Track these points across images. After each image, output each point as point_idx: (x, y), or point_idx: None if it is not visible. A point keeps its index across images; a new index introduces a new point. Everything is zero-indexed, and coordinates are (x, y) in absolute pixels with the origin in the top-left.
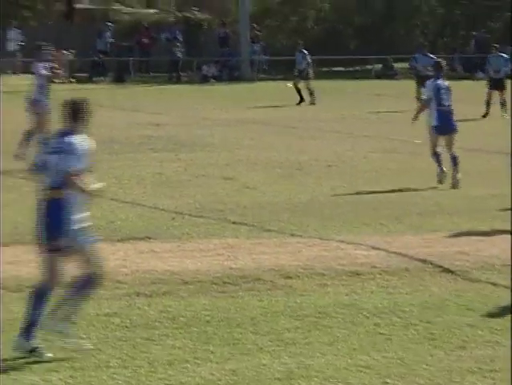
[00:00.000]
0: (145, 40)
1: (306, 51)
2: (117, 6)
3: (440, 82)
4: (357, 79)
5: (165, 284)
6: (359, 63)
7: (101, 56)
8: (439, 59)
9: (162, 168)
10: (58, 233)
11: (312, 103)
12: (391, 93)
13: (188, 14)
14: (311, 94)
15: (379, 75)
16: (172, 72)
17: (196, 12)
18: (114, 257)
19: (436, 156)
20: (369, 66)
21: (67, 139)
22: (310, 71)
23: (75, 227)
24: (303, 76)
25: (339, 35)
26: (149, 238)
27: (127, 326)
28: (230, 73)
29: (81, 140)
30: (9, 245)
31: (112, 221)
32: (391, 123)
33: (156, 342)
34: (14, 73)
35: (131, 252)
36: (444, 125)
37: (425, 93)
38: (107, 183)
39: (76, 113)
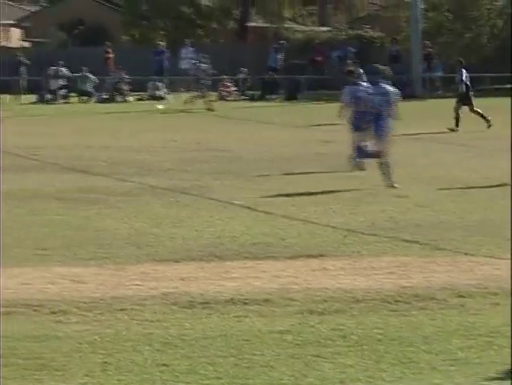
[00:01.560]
0: (318, 58)
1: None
2: (290, 24)
3: None
4: None
5: (337, 302)
6: None
7: (273, 74)
8: None
9: (333, 185)
10: None
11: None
12: None
13: (360, 32)
14: None
15: None
16: None
17: (368, 30)
18: (285, 274)
19: None
20: None
21: None
22: None
23: None
24: None
25: None
26: (321, 256)
27: (299, 344)
28: (402, 90)
29: None
30: (181, 261)
31: (284, 238)
32: None
33: (327, 359)
34: (189, 90)
35: (302, 269)
36: None
37: None
38: (278, 200)
39: None
